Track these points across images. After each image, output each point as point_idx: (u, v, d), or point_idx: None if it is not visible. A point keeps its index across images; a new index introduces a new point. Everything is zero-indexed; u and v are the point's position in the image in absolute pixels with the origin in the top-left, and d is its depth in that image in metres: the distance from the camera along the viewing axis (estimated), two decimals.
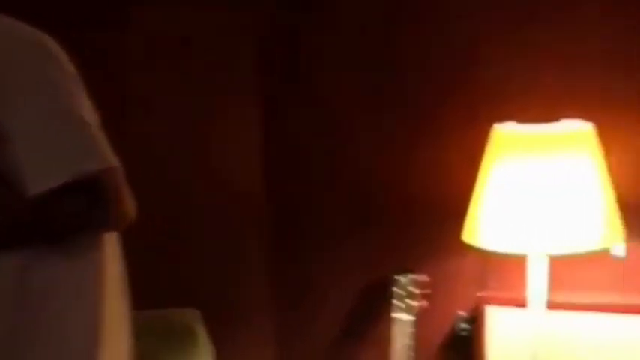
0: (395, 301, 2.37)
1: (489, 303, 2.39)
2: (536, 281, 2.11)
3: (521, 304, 2.20)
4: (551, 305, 2.20)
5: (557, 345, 2.32)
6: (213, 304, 2.47)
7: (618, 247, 2.17)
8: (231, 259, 2.69)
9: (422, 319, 2.39)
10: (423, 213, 2.47)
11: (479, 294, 2.41)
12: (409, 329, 2.35)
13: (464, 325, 2.45)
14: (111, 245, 1.63)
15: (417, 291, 2.36)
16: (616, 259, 2.20)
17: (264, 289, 2.74)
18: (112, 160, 1.51)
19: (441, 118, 2.43)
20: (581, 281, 2.32)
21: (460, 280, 2.46)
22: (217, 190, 2.65)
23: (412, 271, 2.39)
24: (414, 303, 2.36)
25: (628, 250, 2.19)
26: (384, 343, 2.44)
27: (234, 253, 2.70)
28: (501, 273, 2.37)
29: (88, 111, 1.54)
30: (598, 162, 2.04)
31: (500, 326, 2.40)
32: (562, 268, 2.19)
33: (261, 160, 2.69)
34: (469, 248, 2.14)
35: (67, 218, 1.49)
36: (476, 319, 2.41)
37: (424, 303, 2.37)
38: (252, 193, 2.70)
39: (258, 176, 2.70)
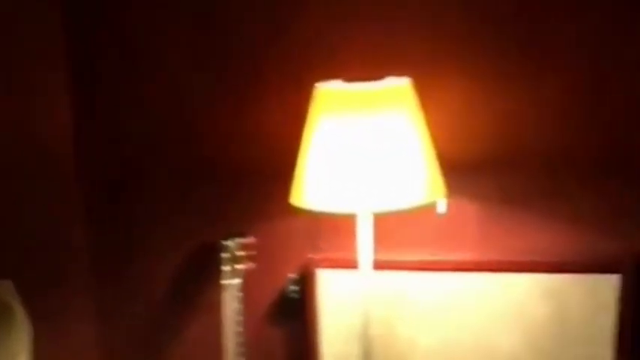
0: (223, 267, 2.34)
1: (319, 265, 2.40)
2: (364, 241, 2.13)
3: (351, 265, 2.21)
4: (381, 265, 2.24)
5: (387, 304, 2.37)
6: (28, 277, 2.29)
7: (440, 204, 2.22)
8: (45, 228, 2.51)
9: (252, 283, 2.37)
10: (251, 176, 2.43)
11: (309, 256, 2.41)
12: (237, 293, 2.33)
13: (294, 288, 2.44)
14: None
15: (243, 254, 2.33)
16: (439, 215, 2.25)
17: (84, 261, 2.61)
18: None
19: (264, 78, 2.38)
20: (407, 239, 2.36)
21: (290, 243, 2.44)
22: (23, 152, 2.42)
23: (241, 236, 2.35)
24: (241, 266, 2.33)
25: (449, 206, 2.26)
26: (215, 310, 2.41)
27: (49, 222, 2.52)
28: (331, 234, 2.38)
29: None
30: (417, 118, 2.06)
31: (330, 288, 2.41)
32: (389, 227, 2.23)
33: (72, 119, 2.54)
34: (298, 210, 2.12)
35: None
36: (306, 281, 2.42)
37: (250, 265, 2.34)
38: (62, 155, 2.54)
39: (69, 135, 2.54)
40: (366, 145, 1.98)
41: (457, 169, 2.22)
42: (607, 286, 2.21)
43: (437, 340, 2.37)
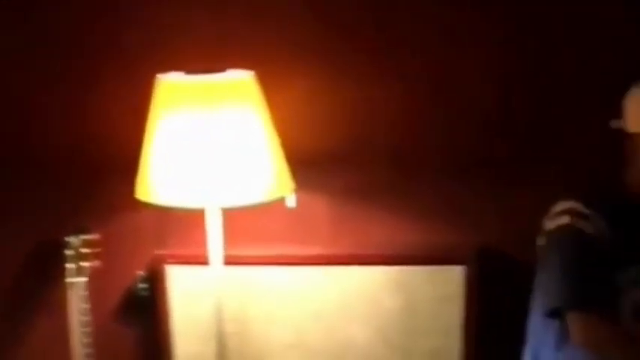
0: (68, 265, 2.24)
1: (168, 261, 2.33)
2: (213, 236, 2.08)
3: (201, 261, 2.16)
4: (231, 260, 2.21)
5: (240, 300, 2.34)
6: None
7: (289, 198, 2.20)
8: None
9: (99, 281, 2.28)
10: (96, 171, 2.34)
11: (157, 252, 2.34)
12: (83, 292, 2.24)
13: (143, 285, 2.37)
14: None
15: (88, 251, 2.24)
16: (289, 210, 2.23)
17: None
18: None
19: (101, 72, 2.29)
20: (258, 234, 2.34)
21: (137, 239, 2.37)
22: None
23: (85, 232, 2.26)
24: (86, 264, 2.24)
25: (299, 201, 2.24)
26: (60, 310, 2.31)
27: None
28: (180, 230, 2.33)
29: None
30: (263, 113, 2.03)
31: (180, 284, 2.35)
32: (239, 222, 2.20)
33: None
34: (144, 205, 2.05)
35: None
36: (155, 278, 2.35)
37: (96, 262, 2.26)
38: None
39: None
40: (210, 139, 1.93)
41: (307, 164, 2.21)
42: (453, 277, 2.25)
43: (292, 334, 2.35)
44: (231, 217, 2.12)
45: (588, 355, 1.80)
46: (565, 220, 1.81)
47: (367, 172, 2.29)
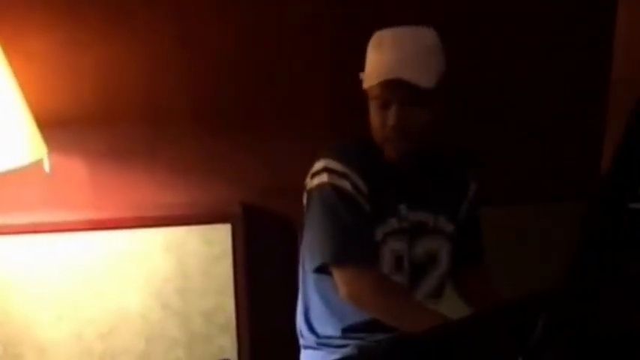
0: None
1: None
2: None
3: None
4: None
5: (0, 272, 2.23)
6: None
7: (45, 163, 2.11)
8: None
9: None
10: None
11: None
12: None
13: None
14: None
15: None
16: (46, 175, 2.14)
17: None
18: None
19: None
20: (16, 202, 2.24)
21: None
22: None
23: None
24: None
25: (57, 165, 2.16)
26: None
27: None
28: None
29: None
30: (5, 71, 1.92)
31: None
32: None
33: None
34: None
35: None
36: None
37: None
38: None
39: None
40: None
41: (61, 126, 2.14)
42: (221, 236, 2.25)
43: (62, 306, 2.27)
44: None
45: (354, 308, 1.85)
46: (324, 178, 1.84)
47: (124, 131, 2.24)
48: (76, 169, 2.24)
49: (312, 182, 1.88)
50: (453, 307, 1.95)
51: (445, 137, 1.89)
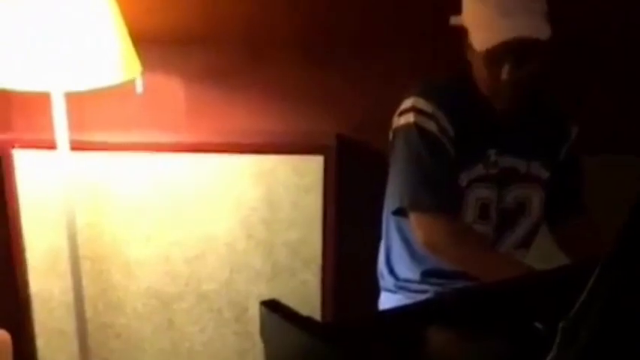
0: None
1: (14, 145, 2.19)
2: (60, 121, 1.96)
3: (49, 145, 2.05)
4: (81, 146, 2.11)
5: (92, 189, 2.23)
6: None
7: (137, 83, 2.07)
8: None
9: None
10: None
11: (3, 136, 2.20)
12: None
13: None
14: None
15: None
16: (136, 95, 2.11)
17: None
18: None
19: None
20: (109, 120, 2.23)
21: None
22: None
23: None
24: None
25: (152, 85, 2.12)
26: None
27: None
28: (27, 114, 2.20)
29: None
30: None
31: (28, 169, 2.22)
32: (87, 107, 2.10)
33: None
34: None
35: None
36: (1, 163, 2.21)
37: None
38: None
39: None
40: (54, 21, 1.80)
41: (158, 44, 2.10)
42: (312, 167, 2.18)
43: (151, 227, 2.26)
44: (78, 100, 2.00)
45: (430, 254, 1.80)
46: (410, 118, 1.76)
47: (221, 53, 2.18)
48: (171, 89, 2.21)
49: (398, 121, 1.81)
50: (542, 258, 1.86)
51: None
